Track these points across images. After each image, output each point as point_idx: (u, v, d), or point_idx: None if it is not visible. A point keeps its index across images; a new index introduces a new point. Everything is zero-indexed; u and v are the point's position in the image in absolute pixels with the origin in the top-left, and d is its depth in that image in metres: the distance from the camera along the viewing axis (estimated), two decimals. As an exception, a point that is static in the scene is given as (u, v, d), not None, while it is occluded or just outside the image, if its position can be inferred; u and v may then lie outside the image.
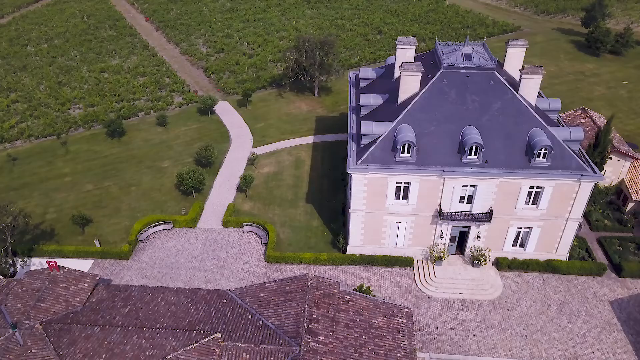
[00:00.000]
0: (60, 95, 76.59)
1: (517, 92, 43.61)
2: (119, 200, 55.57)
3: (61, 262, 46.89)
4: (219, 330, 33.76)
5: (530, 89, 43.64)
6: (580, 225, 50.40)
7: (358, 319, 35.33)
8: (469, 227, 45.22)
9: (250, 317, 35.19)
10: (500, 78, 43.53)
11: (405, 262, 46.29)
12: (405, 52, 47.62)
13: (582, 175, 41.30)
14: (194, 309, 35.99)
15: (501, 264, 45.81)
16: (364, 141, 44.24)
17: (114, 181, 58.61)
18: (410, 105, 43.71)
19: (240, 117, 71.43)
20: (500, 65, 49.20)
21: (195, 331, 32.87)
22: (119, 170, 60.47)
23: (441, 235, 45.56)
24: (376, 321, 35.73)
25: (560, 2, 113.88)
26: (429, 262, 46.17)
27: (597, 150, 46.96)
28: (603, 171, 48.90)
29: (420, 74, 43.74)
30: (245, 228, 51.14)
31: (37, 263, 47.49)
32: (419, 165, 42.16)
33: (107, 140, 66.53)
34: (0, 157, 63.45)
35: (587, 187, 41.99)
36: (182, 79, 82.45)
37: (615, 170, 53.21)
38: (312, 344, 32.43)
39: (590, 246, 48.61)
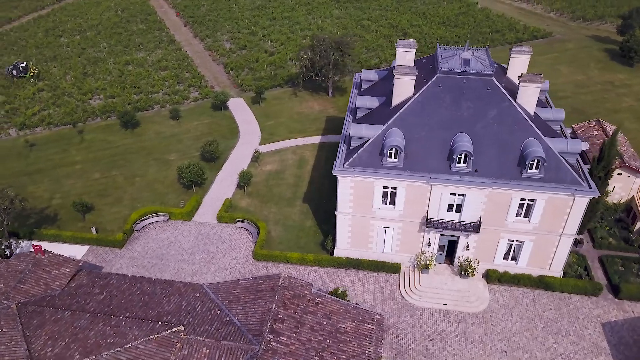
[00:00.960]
0: (84, 85, 79.26)
1: (515, 100, 42.23)
2: (123, 190, 57.05)
3: (59, 246, 49.00)
4: (185, 323, 34.19)
5: (528, 97, 42.13)
6: (581, 242, 48.41)
7: (325, 322, 35.04)
8: (458, 237, 44.10)
9: (218, 312, 35.47)
10: (498, 85, 42.21)
11: (392, 268, 45.59)
12: (405, 55, 46.79)
13: (576, 189, 39.58)
14: (165, 300, 36.59)
15: (491, 276, 44.47)
16: (354, 143, 43.82)
17: (121, 171, 60.21)
18: (402, 109, 42.98)
19: (252, 114, 72.03)
20: (503, 72, 47.72)
21: (160, 322, 33.36)
22: (128, 161, 62.08)
23: (429, 243, 44.62)
24: (344, 326, 35.35)
25: (598, 9, 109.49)
26: (416, 270, 45.29)
27: (601, 165, 44.81)
28: (606, 187, 46.61)
29: (414, 77, 42.94)
30: (238, 224, 51.59)
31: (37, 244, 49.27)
32: (405, 171, 41.42)
33: (121, 131, 68.40)
34: (19, 142, 66.19)
35: (581, 203, 40.21)
36: (202, 74, 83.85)
37: (625, 187, 50.75)
38: (273, 343, 32.40)
39: (591, 264, 46.58)
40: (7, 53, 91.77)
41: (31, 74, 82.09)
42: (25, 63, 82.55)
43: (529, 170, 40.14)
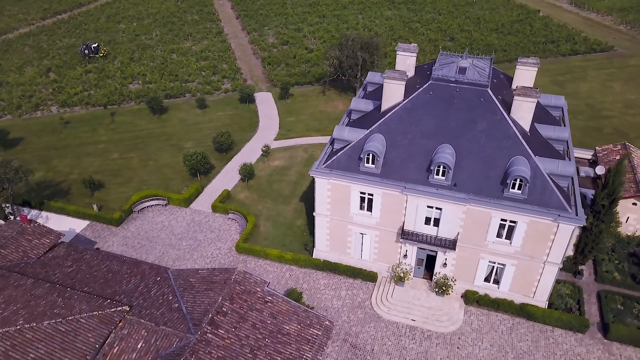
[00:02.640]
0: (127, 70, 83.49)
1: (509, 114, 39.79)
2: (134, 171, 59.65)
3: (62, 219, 52.22)
4: (135, 304, 35.30)
5: (523, 112, 39.54)
6: (581, 273, 44.83)
7: (269, 322, 34.85)
8: (437, 252, 42.25)
9: (170, 298, 36.28)
10: (492, 96, 39.94)
11: (369, 276, 44.49)
12: (406, 59, 45.27)
13: (559, 215, 36.66)
14: (126, 280, 37.93)
15: (469, 298, 42.25)
16: (336, 146, 43.16)
17: (138, 154, 62.97)
18: (389, 114, 41.77)
19: (276, 110, 72.73)
20: (509, 84, 45.01)
21: (109, 300, 34.68)
22: (146, 144, 64.79)
23: (405, 255, 43.10)
24: (288, 327, 34.98)
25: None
26: (392, 281, 43.92)
27: (605, 192, 41.15)
28: (611, 216, 42.72)
29: (403, 82, 41.58)
30: (230, 215, 52.41)
31: (44, 216, 52.77)
32: (382, 178, 40.24)
33: (149, 116, 71.44)
34: (56, 119, 70.89)
35: (566, 230, 37.18)
36: (238, 66, 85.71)
37: (641, 219, 46.40)
38: (209, 335, 32.68)
39: (586, 298, 43.05)
40: (68, 35, 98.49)
41: (102, 54, 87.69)
42: (97, 44, 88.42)
43: (510, 190, 37.70)
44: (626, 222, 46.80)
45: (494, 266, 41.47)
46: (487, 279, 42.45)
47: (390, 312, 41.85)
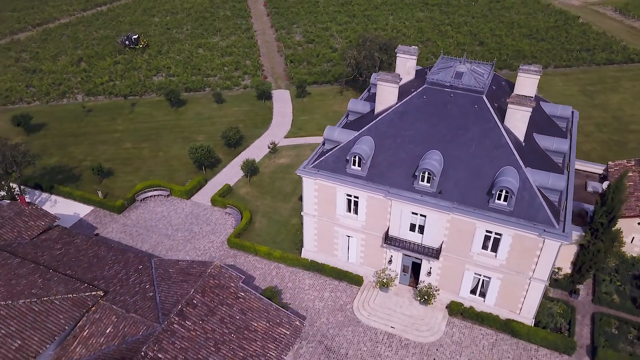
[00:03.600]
0: (153, 62, 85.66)
1: (502, 123, 38.45)
2: (144, 161, 61.17)
3: (69, 203, 54.17)
4: (111, 290, 36.28)
5: (517, 121, 38.10)
6: (577, 292, 42.86)
7: (237, 317, 35.04)
8: (422, 260, 41.33)
9: (147, 287, 37.05)
10: (487, 103, 38.72)
11: (355, 279, 43.99)
12: (406, 62, 44.45)
13: (544, 230, 35.14)
14: (109, 266, 38.99)
15: (453, 309, 41.10)
16: (327, 146, 42.90)
17: (150, 144, 64.53)
18: (380, 117, 41.17)
19: (291, 108, 72.93)
20: (510, 91, 43.46)
21: (86, 284, 35.74)
22: (159, 136, 66.29)
23: (390, 261, 42.38)
24: (256, 324, 35.07)
25: None
26: (376, 286, 43.28)
27: (603, 209, 39.11)
28: (610, 235, 40.55)
29: (395, 85, 40.91)
30: (227, 210, 52.96)
31: (53, 199, 54.87)
32: (367, 181, 39.69)
33: (167, 108, 73.05)
34: (79, 107, 73.49)
35: (552, 247, 35.61)
36: (261, 63, 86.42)
37: (646, 240, 43.89)
38: (175, 325, 33.15)
39: (579, 319, 41.16)
40: (104, 27, 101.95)
41: (141, 45, 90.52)
42: (137, 35, 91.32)
43: (496, 201, 36.42)
44: (631, 242, 44.38)
45: (480, 278, 40.20)
46: (473, 291, 41.20)
47: (370, 317, 41.25)
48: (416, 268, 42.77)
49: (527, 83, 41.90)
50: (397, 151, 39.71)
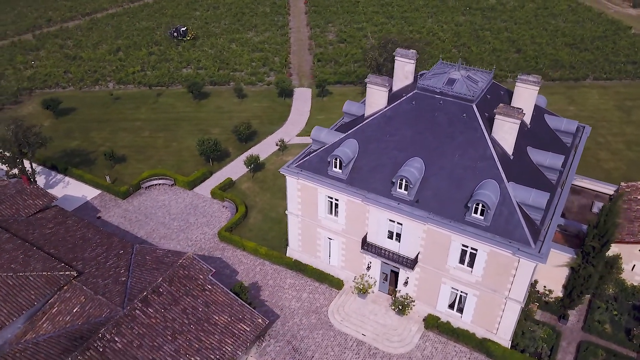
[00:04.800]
0: (185, 54, 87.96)
1: (490, 134, 36.88)
2: (157, 150, 62.98)
3: (80, 185, 56.68)
4: (86, 272, 37.61)
5: (504, 133, 36.41)
6: (566, 317, 40.58)
7: (200, 309, 35.46)
8: (399, 269, 40.34)
9: (122, 272, 38.15)
10: (476, 113, 37.25)
11: (335, 283, 43.53)
12: (404, 65, 43.30)
13: (519, 249, 33.43)
14: (92, 248, 40.44)
15: (429, 322, 39.85)
16: (313, 147, 42.63)
17: (166, 134, 66.35)
18: (367, 121, 40.49)
19: (309, 106, 72.96)
20: (508, 102, 41.56)
21: (62, 264, 37.22)
22: (177, 126, 68.04)
23: (368, 267, 41.61)
24: (217, 318, 35.37)
25: None
26: (354, 291, 42.63)
27: (595, 232, 36.72)
28: (602, 259, 37.97)
29: (384, 89, 40.11)
30: (225, 203, 53.67)
31: (66, 181, 57.49)
32: (346, 185, 39.13)
33: (190, 100, 74.84)
34: (107, 94, 76.52)
35: (527, 267, 33.83)
36: (289, 60, 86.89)
37: (649, 269, 40.87)
38: (137, 311, 33.95)
39: (564, 346, 38.98)
40: (146, 18, 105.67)
41: (189, 37, 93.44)
42: (185, 27, 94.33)
43: (472, 214, 34.99)
44: (632, 270, 41.45)
45: (457, 293, 38.78)
46: (451, 306, 39.79)
47: (343, 322, 40.69)
48: (396, 276, 41.79)
49: (525, 94, 39.90)
50: (380, 156, 38.91)
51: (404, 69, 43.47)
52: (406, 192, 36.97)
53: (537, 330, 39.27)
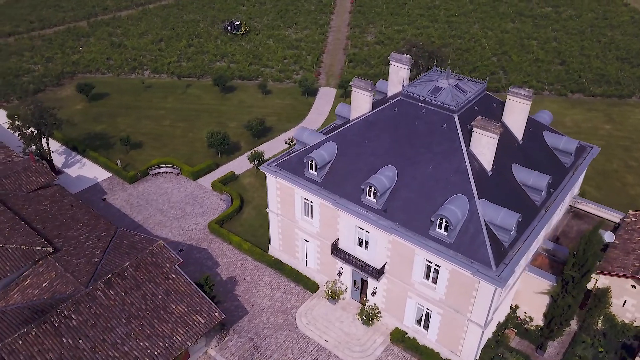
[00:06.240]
0: (222, 48, 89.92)
1: (469, 147, 35.22)
2: (172, 139, 64.86)
3: (93, 167, 59.35)
4: (64, 249, 39.42)
5: (482, 147, 34.65)
6: (543, 347, 38.16)
7: (160, 297, 36.26)
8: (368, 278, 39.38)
9: (97, 252, 39.73)
10: (457, 124, 35.75)
11: (310, 285, 43.18)
12: (398, 70, 42.12)
13: (478, 270, 31.72)
14: (77, 227, 42.34)
15: (395, 336, 38.67)
16: (297, 146, 42.41)
17: (185, 124, 68.19)
18: (348, 124, 39.83)
19: (330, 106, 72.58)
20: (500, 115, 39.44)
21: (43, 239, 39.19)
22: (197, 118, 69.73)
23: (339, 272, 40.92)
24: (175, 307, 36.04)
25: None
26: (325, 296, 42.06)
27: (573, 261, 34.16)
28: (582, 290, 35.22)
29: (368, 93, 39.28)
30: (222, 196, 54.48)
31: (83, 161, 60.41)
32: (320, 187, 38.65)
33: (216, 93, 76.46)
34: (140, 82, 79.58)
35: (486, 290, 32.05)
36: (321, 60, 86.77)
37: (640, 306, 37.56)
38: (99, 292, 35.19)
39: (536, 378, 36.68)
40: (194, 11, 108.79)
41: (242, 32, 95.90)
42: (239, 22, 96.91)
43: (437, 229, 33.57)
44: (623, 305, 38.22)
45: (423, 309, 37.36)
46: (419, 322, 38.39)
47: (309, 326, 40.27)
48: (367, 285, 40.84)
49: (517, 108, 37.73)
50: (356, 161, 38.14)
51: (398, 74, 42.28)
52: (375, 200, 36.01)
53: (509, 358, 37.18)
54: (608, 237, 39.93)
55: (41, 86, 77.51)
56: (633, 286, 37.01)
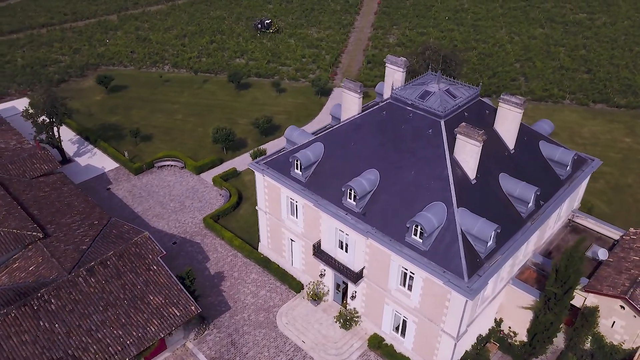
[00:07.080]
0: (242, 45, 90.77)
1: (453, 154, 34.41)
2: (182, 133, 65.89)
3: (102, 156, 60.89)
4: (54, 235, 40.55)
5: (466, 155, 33.76)
6: (524, 365, 36.96)
7: (139, 287, 36.87)
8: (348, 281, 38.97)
9: (86, 240, 40.73)
10: (443, 130, 35.00)
11: (295, 285, 43.08)
12: (394, 73, 41.46)
13: (449, 280, 30.94)
14: (71, 215, 43.48)
15: (372, 342, 38.18)
16: (287, 146, 42.35)
17: (196, 119, 69.14)
18: (337, 126, 39.55)
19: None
20: (491, 123, 38.31)
21: (36, 225, 40.43)
22: (209, 113, 70.61)
23: (321, 274, 40.66)
24: (152, 298, 36.59)
25: None
26: (308, 297, 41.88)
27: (555, 277, 32.89)
28: (566, 307, 33.87)
29: (357, 95, 38.92)
30: (222, 191, 54.98)
31: (93, 151, 62.09)
32: (303, 187, 38.50)
33: (231, 89, 77.24)
34: (158, 76, 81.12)
35: (457, 300, 31.24)
36: (339, 60, 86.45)
37: (629, 329, 35.78)
38: (80, 279, 36.07)
39: (513, 395, 35.55)
40: (221, 8, 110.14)
41: (272, 30, 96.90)
42: (270, 20, 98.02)
43: (412, 236, 32.92)
44: (611, 327, 36.52)
45: (400, 317, 36.72)
46: (397, 329, 37.76)
47: (288, 326, 40.19)
48: (347, 288, 40.45)
49: (508, 116, 36.59)
50: (341, 163, 37.81)
51: (393, 77, 41.66)
52: (355, 203, 35.61)
53: (488, 373, 36.18)
54: (602, 254, 38.32)
55: (65, 77, 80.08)
56: (622, 307, 35.33)
